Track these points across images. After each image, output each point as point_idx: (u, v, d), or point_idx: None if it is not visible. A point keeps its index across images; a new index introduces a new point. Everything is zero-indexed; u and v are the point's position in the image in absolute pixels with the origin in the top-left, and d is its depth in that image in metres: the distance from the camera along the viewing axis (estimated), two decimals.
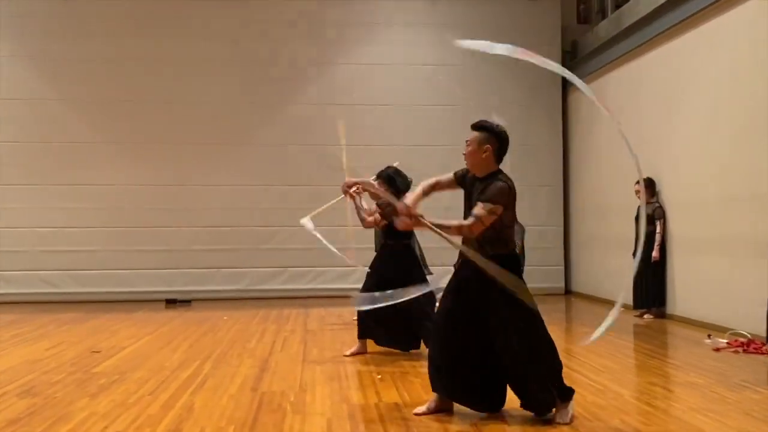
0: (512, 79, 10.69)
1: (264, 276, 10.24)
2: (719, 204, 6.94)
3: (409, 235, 5.49)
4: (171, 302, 9.72)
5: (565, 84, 10.80)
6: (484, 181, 3.75)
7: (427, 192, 4.04)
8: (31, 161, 9.99)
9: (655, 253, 7.66)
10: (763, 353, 5.43)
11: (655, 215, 7.73)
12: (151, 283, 10.05)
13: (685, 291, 7.49)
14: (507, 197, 3.66)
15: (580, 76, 10.21)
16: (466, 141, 3.85)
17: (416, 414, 3.76)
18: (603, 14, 10.40)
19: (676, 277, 7.63)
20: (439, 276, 5.36)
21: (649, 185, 7.87)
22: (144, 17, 10.19)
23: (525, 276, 11.66)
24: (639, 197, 7.90)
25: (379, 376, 4.75)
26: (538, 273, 10.58)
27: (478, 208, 3.62)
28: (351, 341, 6.37)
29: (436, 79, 10.51)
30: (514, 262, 3.79)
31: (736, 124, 6.70)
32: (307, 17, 10.47)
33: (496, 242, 3.72)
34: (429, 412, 3.76)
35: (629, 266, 8.30)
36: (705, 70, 7.18)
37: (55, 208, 9.98)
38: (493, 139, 3.78)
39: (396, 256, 5.45)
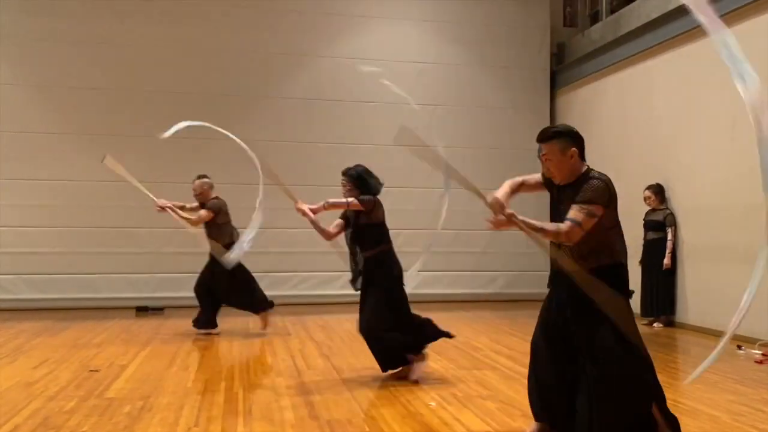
0: (500, 82, 10.45)
1: None
2: (734, 211, 6.87)
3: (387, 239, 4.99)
4: (142, 310, 8.89)
5: (553, 88, 10.65)
6: (575, 183, 3.32)
7: (514, 190, 3.62)
8: None
9: (666, 261, 7.54)
10: None
11: (666, 222, 7.61)
12: (118, 288, 9.19)
13: (697, 299, 7.39)
14: (605, 195, 3.19)
15: (572, 79, 10.25)
16: (541, 156, 3.39)
17: None
18: (594, 18, 10.31)
19: (688, 285, 7.53)
20: None
21: (659, 191, 7.77)
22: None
23: (516, 281, 11.37)
24: (647, 203, 7.81)
25: (433, 404, 4.24)
26: (527, 278, 10.42)
27: (575, 211, 3.14)
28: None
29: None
30: (618, 275, 3.36)
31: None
32: (290, 5, 9.86)
33: (599, 252, 3.30)
34: None
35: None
36: (723, 77, 7.09)
37: (7, 204, 8.96)
38: (572, 140, 3.34)
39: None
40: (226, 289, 6.88)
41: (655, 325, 7.65)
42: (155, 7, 9.38)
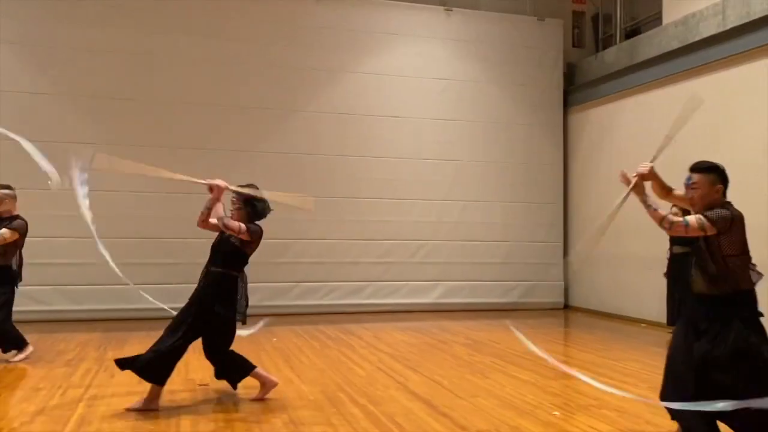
0: (516, 99, 10.91)
1: (276, 291, 9.70)
2: (760, 229, 7.50)
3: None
4: None
5: (566, 105, 11.19)
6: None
7: (662, 186, 4.06)
8: (16, 161, 8.80)
9: None
10: None
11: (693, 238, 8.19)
12: (155, 299, 9.19)
13: None
14: (725, 223, 3.58)
15: (584, 99, 10.78)
16: (690, 183, 3.83)
17: None
18: (607, 41, 10.93)
19: None
20: None
21: (686, 209, 8.34)
22: (155, 12, 9.35)
23: (532, 290, 11.91)
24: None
25: (557, 413, 4.62)
26: (540, 288, 10.93)
27: (693, 216, 3.61)
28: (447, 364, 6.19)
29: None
30: (744, 301, 3.74)
31: None
32: (321, 23, 10.08)
33: (725, 279, 3.71)
34: None
35: (627, 281, 8.96)
36: (752, 103, 7.75)
37: (43, 215, 8.85)
38: (721, 177, 3.80)
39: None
40: None
41: None
42: (195, 25, 9.48)
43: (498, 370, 6.02)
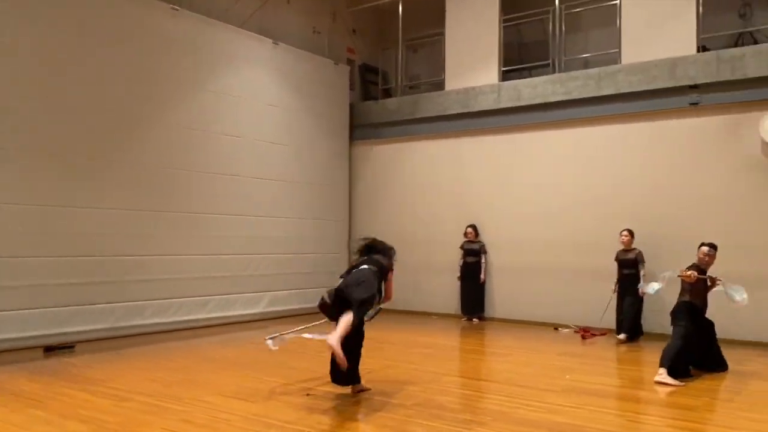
0: (321, 128, 12.60)
1: (131, 309, 9.34)
2: (524, 243, 11.16)
3: None
4: (50, 349, 8.02)
5: (352, 136, 13.31)
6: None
7: None
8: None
9: (482, 276, 11.33)
10: (596, 335, 9.67)
11: (480, 250, 11.41)
12: (13, 327, 7.98)
13: (501, 301, 11.40)
14: None
15: (366, 136, 13.26)
16: (708, 255, 6.87)
17: None
18: (384, 92, 13.47)
19: (495, 292, 11.46)
20: None
21: (474, 229, 11.53)
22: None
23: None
24: (467, 237, 11.48)
25: (568, 376, 7.00)
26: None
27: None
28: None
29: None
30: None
31: (553, 198, 11.06)
32: (173, 35, 10.02)
33: None
34: None
35: (415, 284, 11.92)
36: (522, 161, 11.32)
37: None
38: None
39: None
40: None
41: (474, 320, 11.35)
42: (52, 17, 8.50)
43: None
